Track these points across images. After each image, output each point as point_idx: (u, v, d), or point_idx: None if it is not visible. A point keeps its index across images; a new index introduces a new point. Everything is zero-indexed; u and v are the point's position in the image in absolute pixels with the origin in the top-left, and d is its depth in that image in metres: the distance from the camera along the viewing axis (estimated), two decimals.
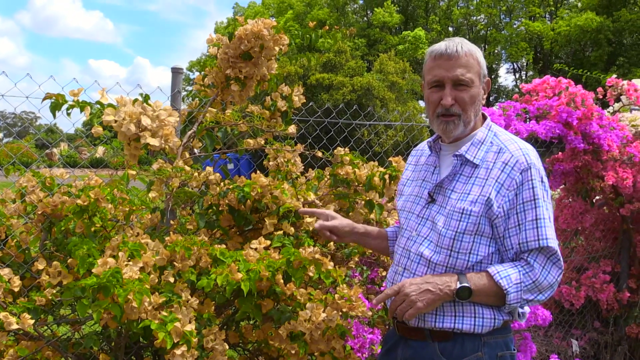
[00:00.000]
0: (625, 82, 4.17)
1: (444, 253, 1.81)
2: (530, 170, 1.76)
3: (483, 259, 1.80)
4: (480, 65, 1.85)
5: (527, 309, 1.91)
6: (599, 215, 4.37)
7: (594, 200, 4.13)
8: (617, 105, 4.37)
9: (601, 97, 4.20)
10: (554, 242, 1.76)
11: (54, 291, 2.26)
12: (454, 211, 1.81)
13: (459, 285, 1.73)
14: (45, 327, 2.51)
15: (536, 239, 1.74)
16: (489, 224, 1.78)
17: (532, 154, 1.80)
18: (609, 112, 4.34)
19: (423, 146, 2.12)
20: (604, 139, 3.54)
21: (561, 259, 1.79)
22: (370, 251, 2.94)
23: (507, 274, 1.74)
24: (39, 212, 2.49)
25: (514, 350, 1.90)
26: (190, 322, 2.02)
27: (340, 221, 2.16)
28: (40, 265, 2.34)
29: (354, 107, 4.30)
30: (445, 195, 1.86)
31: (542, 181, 1.78)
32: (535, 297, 1.77)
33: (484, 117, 1.95)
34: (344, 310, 2.32)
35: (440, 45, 1.84)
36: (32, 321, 2.11)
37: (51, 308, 2.34)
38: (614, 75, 4.30)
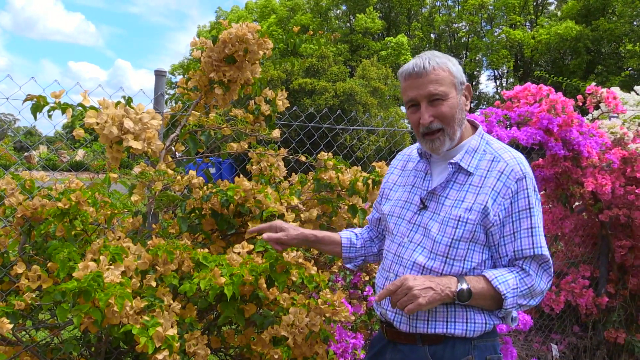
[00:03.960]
0: (604, 90, 4.23)
1: (440, 260, 1.81)
2: (525, 180, 1.78)
3: (477, 266, 1.81)
4: (454, 75, 1.82)
5: (515, 313, 1.92)
6: (578, 221, 4.43)
7: (573, 206, 4.18)
8: (596, 113, 4.43)
9: (581, 104, 4.26)
10: (546, 250, 1.79)
11: (33, 295, 2.22)
12: (449, 218, 1.81)
13: (459, 288, 1.74)
14: (24, 332, 2.48)
15: (531, 247, 1.77)
16: (483, 231, 1.79)
17: (525, 163, 1.82)
18: (588, 119, 4.40)
19: (410, 151, 2.11)
20: (583, 145, 3.58)
21: (552, 266, 1.82)
22: None
23: (505, 279, 1.75)
24: (19, 215, 2.45)
25: (501, 354, 1.91)
26: (172, 327, 2.01)
27: (288, 232, 2.07)
28: (20, 269, 2.31)
29: (337, 112, 4.31)
30: (439, 202, 1.86)
31: (534, 190, 1.80)
32: (528, 302, 1.79)
33: (475, 126, 1.94)
34: (327, 315, 2.32)
35: (409, 65, 1.84)
36: (11, 326, 2.07)
37: (30, 312, 2.31)
38: (593, 83, 4.37)
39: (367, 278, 3.04)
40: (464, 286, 1.74)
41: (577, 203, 4.24)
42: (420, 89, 1.80)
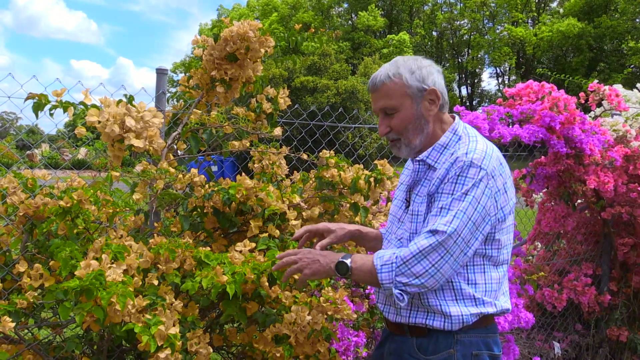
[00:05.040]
0: (606, 87, 4.22)
1: None
2: (465, 168, 1.73)
3: None
4: (408, 85, 1.83)
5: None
6: (580, 218, 4.42)
7: (576, 204, 4.17)
8: (598, 110, 4.42)
9: (583, 102, 4.25)
10: (447, 227, 1.68)
11: (36, 294, 2.23)
12: (411, 214, 1.87)
13: (338, 260, 1.79)
14: (26, 331, 2.48)
15: (430, 223, 1.73)
16: None
17: (478, 155, 1.75)
18: (590, 116, 4.39)
19: None
20: (586, 143, 3.57)
21: (453, 249, 1.70)
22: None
23: (383, 254, 1.76)
24: (21, 214, 2.45)
25: (498, 352, 1.89)
26: (174, 325, 2.01)
27: (336, 234, 2.05)
28: (22, 267, 2.31)
29: (339, 110, 4.30)
30: (412, 199, 1.91)
31: (474, 180, 1.72)
32: (410, 281, 1.71)
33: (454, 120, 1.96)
34: (329, 313, 2.32)
35: (371, 77, 1.91)
36: (13, 324, 2.08)
37: (32, 311, 2.31)
38: (596, 81, 4.35)
39: None
40: (344, 260, 1.78)
41: (579, 201, 4.23)
42: (375, 103, 1.90)
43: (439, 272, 1.70)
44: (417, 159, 1.88)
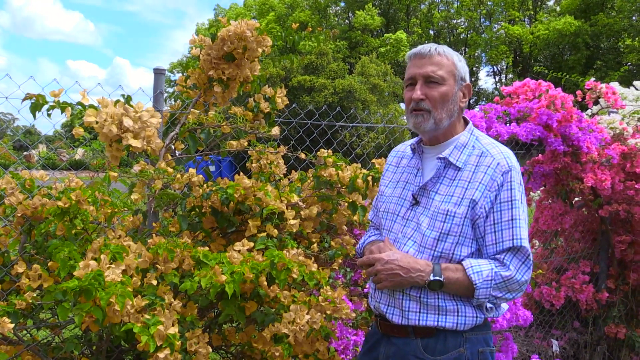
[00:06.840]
0: (603, 85, 4.23)
1: (427, 253, 1.85)
2: (511, 173, 1.83)
3: (464, 259, 1.84)
4: (456, 67, 1.91)
5: (505, 306, 1.96)
6: (578, 216, 4.43)
7: (573, 202, 4.18)
8: (595, 108, 4.43)
9: (580, 100, 4.26)
10: (526, 243, 1.82)
11: (34, 294, 2.22)
12: (438, 212, 1.85)
13: (432, 278, 1.79)
14: (25, 332, 2.48)
15: (510, 239, 1.80)
16: (471, 225, 1.83)
17: (512, 158, 1.87)
18: (587, 114, 4.40)
19: (404, 148, 2.16)
20: (583, 141, 3.58)
21: (532, 260, 1.85)
22: (354, 253, 2.95)
23: (480, 270, 1.79)
24: (19, 215, 2.45)
25: (494, 347, 1.95)
26: (173, 325, 2.01)
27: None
28: (20, 268, 2.31)
29: (337, 109, 4.30)
30: (429, 197, 1.90)
31: (520, 183, 1.85)
32: (504, 295, 1.82)
33: (466, 122, 2.00)
34: (328, 312, 2.33)
35: (418, 47, 1.94)
36: (12, 325, 2.07)
37: (31, 312, 2.31)
38: (592, 79, 4.36)
39: None
40: (438, 277, 1.79)
41: (576, 198, 4.24)
42: (420, 68, 1.89)
43: (526, 284, 1.84)
44: (440, 156, 1.90)
